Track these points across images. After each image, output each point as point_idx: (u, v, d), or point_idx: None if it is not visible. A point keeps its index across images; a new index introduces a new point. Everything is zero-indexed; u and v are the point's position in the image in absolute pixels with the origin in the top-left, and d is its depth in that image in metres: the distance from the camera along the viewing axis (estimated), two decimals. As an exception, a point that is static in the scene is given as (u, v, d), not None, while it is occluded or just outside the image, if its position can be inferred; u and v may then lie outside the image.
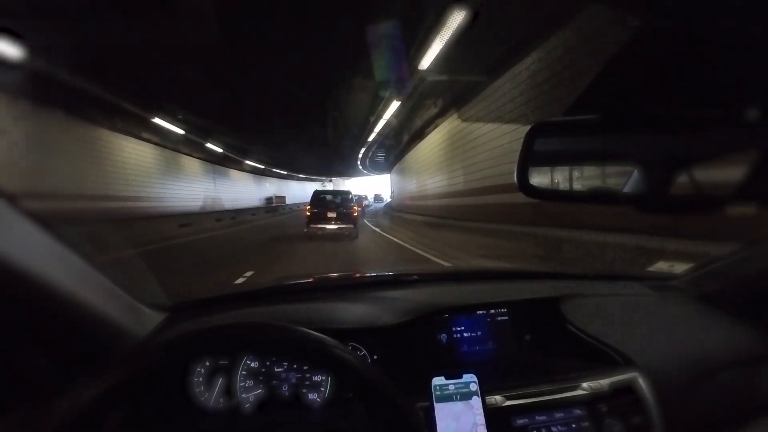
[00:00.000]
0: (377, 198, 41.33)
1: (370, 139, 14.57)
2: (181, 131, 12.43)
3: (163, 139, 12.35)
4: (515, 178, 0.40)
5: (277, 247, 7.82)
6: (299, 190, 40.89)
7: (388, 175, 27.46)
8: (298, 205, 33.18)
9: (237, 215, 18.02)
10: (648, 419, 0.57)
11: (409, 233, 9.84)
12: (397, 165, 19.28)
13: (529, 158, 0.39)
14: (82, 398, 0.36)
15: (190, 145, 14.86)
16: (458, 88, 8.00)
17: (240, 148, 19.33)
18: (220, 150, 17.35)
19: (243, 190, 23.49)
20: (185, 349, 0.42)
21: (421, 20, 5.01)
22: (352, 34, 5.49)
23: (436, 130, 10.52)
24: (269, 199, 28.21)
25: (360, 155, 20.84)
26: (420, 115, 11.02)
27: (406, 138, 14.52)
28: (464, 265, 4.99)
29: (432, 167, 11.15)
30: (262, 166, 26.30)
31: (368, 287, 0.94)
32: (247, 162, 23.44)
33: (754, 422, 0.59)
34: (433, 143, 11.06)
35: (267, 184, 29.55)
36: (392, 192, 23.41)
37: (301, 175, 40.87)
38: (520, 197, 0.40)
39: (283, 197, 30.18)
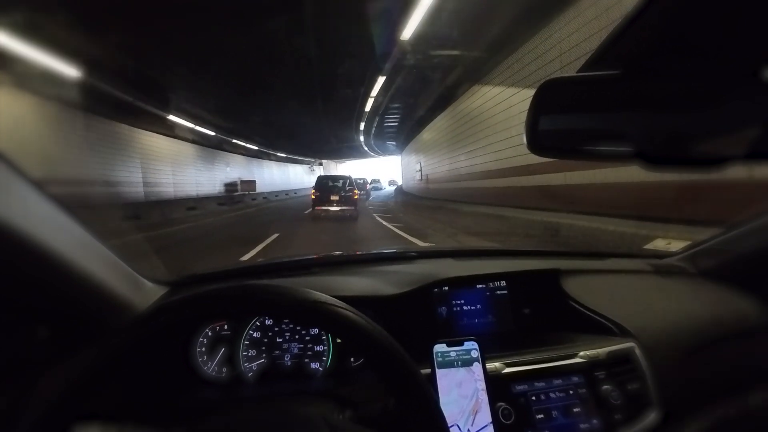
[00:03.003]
0: (391, 182, 41.16)
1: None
2: None
3: None
4: (525, 137, 0.40)
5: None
6: (279, 175, 31.18)
7: (398, 156, 23.55)
8: (277, 194, 24.45)
9: (151, 212, 10.36)
10: (644, 386, 0.60)
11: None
12: (428, 126, 12.78)
13: (540, 115, 0.40)
14: (85, 362, 0.35)
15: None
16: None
17: (161, 96, 10.91)
18: (80, 77, 8.24)
19: (172, 170, 14.46)
20: (192, 309, 0.40)
21: None
22: None
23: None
24: (231, 185, 19.33)
25: (364, 119, 13.89)
26: None
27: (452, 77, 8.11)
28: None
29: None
30: (212, 133, 16.75)
31: (369, 263, 0.94)
32: (182, 122, 14.00)
33: (747, 392, 0.59)
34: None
35: (228, 168, 20.19)
36: (420, 171, 15.75)
37: (280, 154, 30.71)
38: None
39: (253, 182, 21.27)
